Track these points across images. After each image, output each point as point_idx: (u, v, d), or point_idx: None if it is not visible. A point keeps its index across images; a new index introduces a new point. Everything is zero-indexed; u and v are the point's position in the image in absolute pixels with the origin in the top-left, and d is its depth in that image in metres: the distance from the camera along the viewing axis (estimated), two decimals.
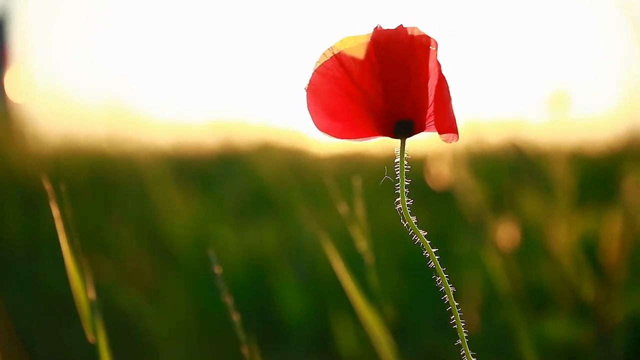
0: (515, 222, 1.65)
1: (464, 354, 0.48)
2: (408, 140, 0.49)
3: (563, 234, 1.55)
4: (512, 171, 2.08)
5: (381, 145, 2.54)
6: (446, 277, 0.47)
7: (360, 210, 0.73)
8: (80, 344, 1.62)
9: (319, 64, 0.49)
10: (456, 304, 0.47)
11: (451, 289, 0.47)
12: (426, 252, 0.47)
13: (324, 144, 2.77)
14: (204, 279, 1.82)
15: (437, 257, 0.47)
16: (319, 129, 0.49)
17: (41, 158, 2.62)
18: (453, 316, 0.47)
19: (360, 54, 0.48)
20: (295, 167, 2.70)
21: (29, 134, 2.91)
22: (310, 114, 0.49)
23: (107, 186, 2.36)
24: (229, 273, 1.77)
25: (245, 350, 0.63)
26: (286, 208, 2.19)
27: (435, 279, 0.47)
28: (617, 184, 1.65)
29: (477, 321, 1.44)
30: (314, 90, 0.49)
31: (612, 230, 1.53)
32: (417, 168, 2.14)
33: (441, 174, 1.92)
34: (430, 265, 0.47)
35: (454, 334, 0.49)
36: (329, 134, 0.49)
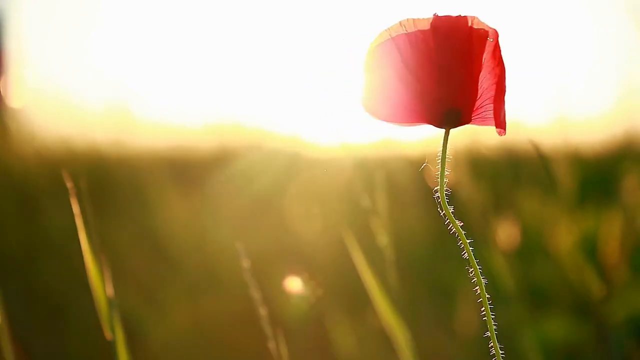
0: (516, 223, 1.65)
1: (492, 346, 0.48)
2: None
3: (563, 234, 1.55)
4: (511, 172, 2.08)
5: (380, 146, 2.53)
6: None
7: (383, 203, 0.73)
8: (82, 346, 1.62)
9: (374, 45, 0.48)
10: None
11: (483, 280, 0.47)
12: (461, 243, 0.47)
13: (321, 148, 2.76)
14: (201, 280, 1.82)
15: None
16: (366, 110, 0.48)
17: (39, 161, 2.62)
18: (483, 309, 0.47)
19: (418, 38, 0.48)
20: (292, 170, 2.70)
21: (26, 138, 2.90)
22: (360, 94, 0.48)
23: (103, 188, 2.35)
24: (229, 273, 1.77)
25: (272, 345, 0.63)
26: (283, 211, 2.19)
27: (467, 270, 0.47)
28: (617, 184, 1.65)
29: (477, 321, 1.44)
30: (367, 71, 0.48)
31: (611, 231, 1.52)
32: (416, 168, 2.13)
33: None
34: (464, 256, 0.47)
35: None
36: (375, 116, 0.49)
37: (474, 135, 2.35)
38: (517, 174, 2.03)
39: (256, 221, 2.15)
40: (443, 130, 0.49)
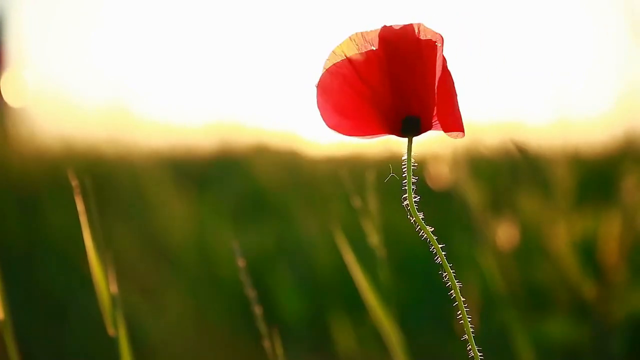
0: (514, 223, 1.65)
1: (470, 350, 0.48)
2: (414, 139, 0.50)
3: (562, 234, 1.55)
4: (510, 172, 2.08)
5: (378, 146, 2.54)
6: (453, 272, 0.48)
7: (374, 203, 0.74)
8: (82, 344, 1.62)
9: (328, 62, 0.49)
10: (462, 299, 0.47)
11: (457, 284, 0.48)
12: (433, 249, 0.47)
13: (320, 146, 2.76)
14: (201, 279, 1.82)
15: (443, 253, 0.47)
16: (328, 126, 0.49)
17: (38, 160, 2.62)
18: (459, 312, 0.47)
19: (368, 50, 0.49)
20: (291, 169, 2.70)
21: (26, 137, 2.90)
22: (319, 111, 0.49)
23: (103, 187, 2.35)
24: (227, 273, 1.77)
25: (267, 344, 0.63)
26: (283, 210, 2.19)
27: (441, 274, 0.48)
28: (615, 184, 1.65)
29: (475, 321, 1.44)
30: (323, 88, 0.49)
31: (610, 231, 1.53)
32: (416, 169, 2.13)
33: (440, 174, 1.92)
34: (437, 261, 0.47)
35: (455, 333, 0.49)
36: (337, 131, 0.49)
37: (472, 137, 2.36)
38: (516, 175, 2.04)
39: (256, 220, 2.15)
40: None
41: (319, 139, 2.60)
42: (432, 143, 2.09)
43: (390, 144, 2.37)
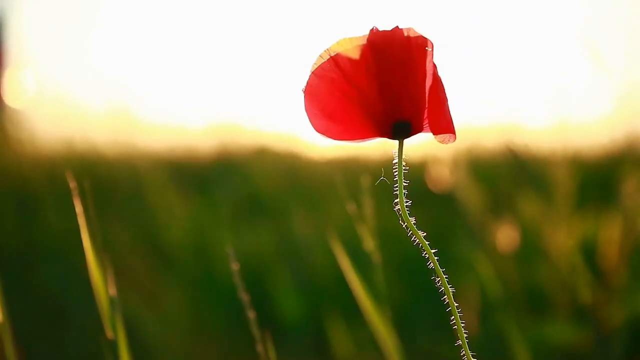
0: (514, 225, 1.65)
1: (464, 355, 0.48)
2: (406, 142, 0.49)
3: (561, 237, 1.54)
4: (510, 175, 2.08)
5: (378, 148, 2.54)
6: (445, 277, 0.47)
7: (369, 208, 0.73)
8: (82, 346, 1.62)
9: (315, 66, 0.49)
10: (456, 304, 0.46)
11: (450, 289, 0.47)
12: (425, 253, 0.47)
13: (320, 148, 2.76)
14: (200, 281, 1.81)
15: (436, 258, 0.47)
16: (316, 130, 0.49)
17: (38, 162, 2.62)
18: (453, 317, 0.47)
19: (356, 55, 0.48)
20: (291, 171, 2.70)
21: (26, 139, 2.90)
22: (307, 115, 0.49)
23: (104, 189, 2.35)
24: (225, 276, 1.77)
25: (260, 348, 0.62)
26: (282, 211, 2.19)
27: (434, 279, 0.47)
28: (615, 187, 1.65)
29: (475, 324, 1.44)
30: (311, 92, 0.49)
31: (610, 234, 1.52)
32: (416, 171, 2.13)
33: (440, 176, 1.92)
34: (429, 266, 0.47)
35: (453, 336, 0.48)
36: (326, 135, 0.49)
37: (471, 139, 2.35)
38: (516, 177, 2.03)
39: (255, 222, 2.15)
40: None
41: (319, 141, 2.60)
42: (432, 146, 2.09)
43: (389, 146, 2.36)
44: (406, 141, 0.49)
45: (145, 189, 2.26)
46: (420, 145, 2.30)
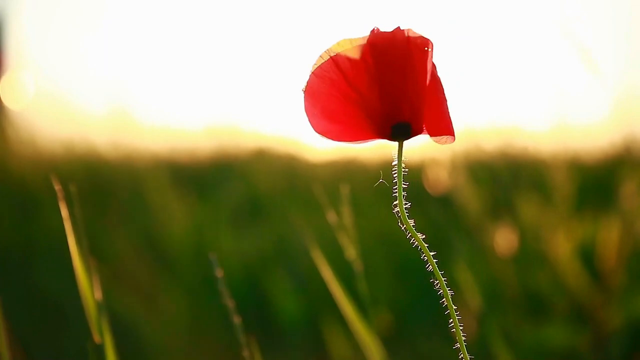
0: (512, 228, 1.65)
1: (462, 358, 0.48)
2: (406, 144, 0.49)
3: (560, 240, 1.55)
4: (508, 177, 2.08)
5: (376, 150, 2.54)
6: (444, 280, 0.47)
7: (349, 217, 0.73)
8: (79, 347, 1.62)
9: (315, 67, 0.49)
10: (454, 307, 0.46)
11: (449, 292, 0.47)
12: (424, 256, 0.47)
13: (319, 150, 2.76)
14: (199, 283, 1.81)
15: (434, 260, 0.47)
16: (316, 131, 0.49)
17: (38, 163, 2.62)
18: (451, 320, 0.47)
19: (356, 56, 0.48)
20: (290, 173, 2.70)
21: (25, 140, 2.90)
22: (307, 116, 0.49)
23: (103, 191, 2.35)
24: (225, 277, 1.76)
25: (246, 353, 0.62)
26: (280, 214, 2.19)
27: (433, 282, 0.47)
28: (614, 190, 1.65)
29: (474, 326, 1.44)
30: (311, 93, 0.49)
31: (608, 237, 1.52)
32: (415, 173, 2.13)
33: (438, 179, 1.92)
34: (428, 269, 0.47)
35: (450, 340, 0.48)
36: (326, 136, 0.49)
37: (470, 142, 2.35)
38: (515, 180, 2.04)
39: (253, 224, 2.15)
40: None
41: (317, 144, 2.60)
42: (431, 148, 2.09)
43: (388, 148, 2.37)
44: (405, 143, 0.49)
45: (144, 190, 2.26)
46: (420, 147, 2.30)
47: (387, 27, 0.48)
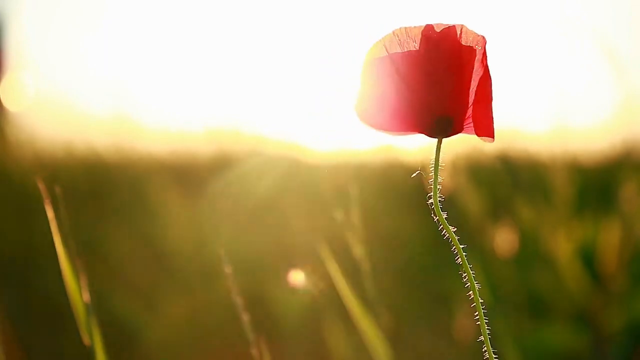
0: (513, 230, 1.65)
1: (485, 350, 0.49)
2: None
3: (560, 242, 1.55)
4: (509, 180, 2.08)
5: (377, 154, 2.53)
6: (472, 274, 0.48)
7: (357, 217, 0.73)
8: (74, 349, 1.62)
9: (369, 54, 0.49)
10: (481, 300, 0.47)
11: (476, 285, 0.48)
12: (454, 248, 0.48)
13: (320, 154, 2.76)
14: (200, 283, 1.81)
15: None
16: (360, 119, 0.49)
17: (37, 165, 2.62)
18: (476, 313, 0.47)
19: (409, 47, 0.49)
20: (290, 176, 2.70)
21: (25, 142, 2.90)
22: (354, 102, 0.49)
23: (103, 192, 2.35)
24: (224, 279, 1.76)
25: (254, 351, 0.62)
26: (281, 215, 2.19)
27: (460, 275, 0.48)
28: (614, 192, 1.65)
29: (473, 328, 1.44)
30: (362, 80, 0.49)
31: (609, 239, 1.53)
32: (414, 173, 2.13)
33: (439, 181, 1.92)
34: (457, 261, 0.48)
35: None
36: (369, 125, 0.49)
37: (472, 143, 2.36)
38: (515, 182, 2.04)
39: (253, 226, 2.15)
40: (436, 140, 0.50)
41: (319, 147, 2.60)
42: (430, 150, 2.09)
43: (391, 151, 2.37)
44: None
45: (144, 192, 2.26)
46: (419, 149, 2.30)
47: (436, 22, 0.48)
